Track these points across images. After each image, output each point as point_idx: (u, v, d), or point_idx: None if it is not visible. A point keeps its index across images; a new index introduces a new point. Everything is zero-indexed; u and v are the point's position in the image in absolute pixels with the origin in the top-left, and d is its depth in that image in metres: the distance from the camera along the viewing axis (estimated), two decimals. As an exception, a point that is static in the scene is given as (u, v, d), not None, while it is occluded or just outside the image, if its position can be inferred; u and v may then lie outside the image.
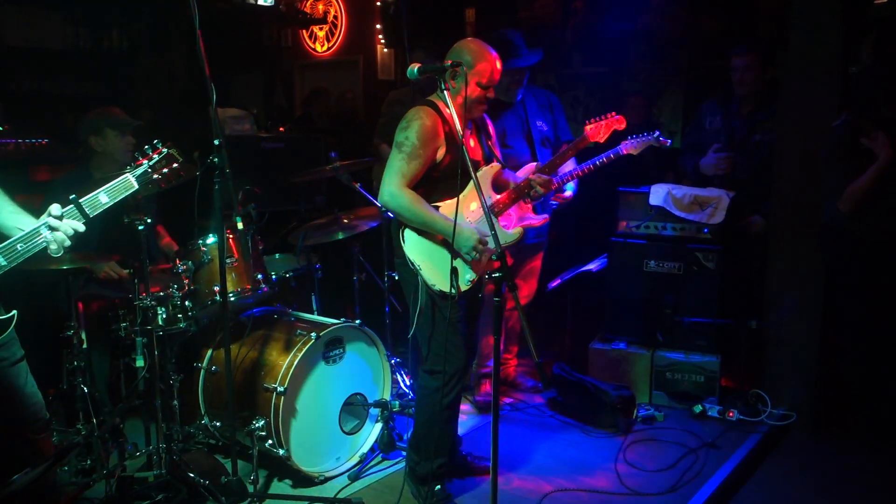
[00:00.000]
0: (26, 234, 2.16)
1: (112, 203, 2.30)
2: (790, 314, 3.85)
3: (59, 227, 2.17)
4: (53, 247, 2.18)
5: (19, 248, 2.14)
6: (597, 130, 3.27)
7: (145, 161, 2.42)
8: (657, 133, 3.40)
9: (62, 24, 6.16)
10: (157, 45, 6.54)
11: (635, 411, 3.89)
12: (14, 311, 2.17)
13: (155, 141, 2.48)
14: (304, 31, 8.22)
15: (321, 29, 8.06)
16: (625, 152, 3.39)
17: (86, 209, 2.24)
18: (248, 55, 7.51)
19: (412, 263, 2.88)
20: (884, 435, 3.58)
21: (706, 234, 4.03)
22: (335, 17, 7.97)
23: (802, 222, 3.76)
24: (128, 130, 3.68)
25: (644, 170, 4.74)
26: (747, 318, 4.06)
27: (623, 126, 3.29)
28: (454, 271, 2.82)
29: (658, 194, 4.08)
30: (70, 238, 2.19)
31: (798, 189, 3.76)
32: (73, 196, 2.23)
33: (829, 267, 3.71)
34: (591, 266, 4.32)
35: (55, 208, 2.18)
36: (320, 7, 8.03)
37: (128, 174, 2.36)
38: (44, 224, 2.17)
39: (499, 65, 2.93)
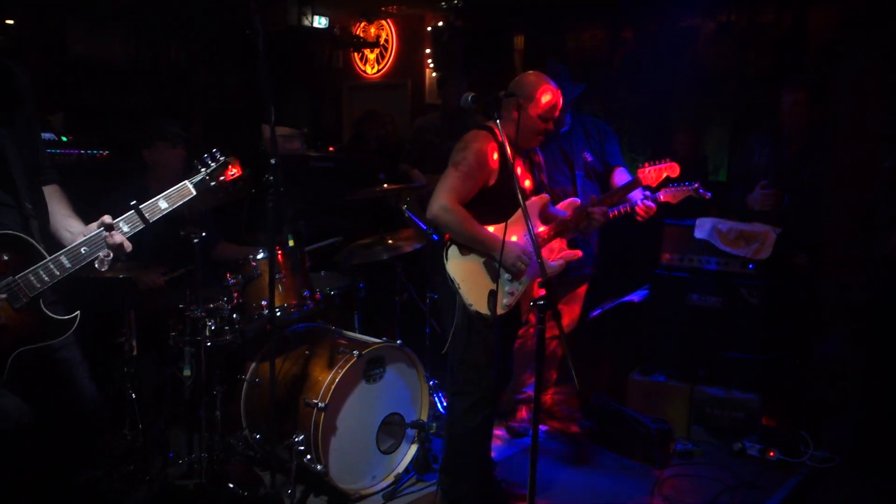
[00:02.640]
0: (90, 237, 2.20)
1: (171, 209, 2.33)
2: (835, 353, 3.79)
3: (110, 241, 2.21)
4: (101, 255, 2.21)
5: (83, 252, 2.19)
6: (649, 175, 3.29)
7: (203, 168, 2.44)
8: (697, 185, 3.40)
9: (124, 37, 6.40)
10: (212, 61, 6.75)
11: (673, 445, 3.85)
12: (77, 313, 2.22)
13: (214, 150, 2.50)
14: (355, 54, 8.39)
15: (372, 51, 8.22)
16: (662, 200, 3.41)
17: (145, 214, 2.29)
18: (300, 75, 7.69)
19: (452, 281, 2.92)
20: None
21: (751, 270, 3.99)
22: (386, 40, 8.12)
23: (849, 260, 3.71)
24: (178, 143, 3.78)
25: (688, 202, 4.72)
26: (791, 356, 4.00)
27: (676, 174, 3.30)
28: (492, 293, 2.85)
29: (703, 228, 4.06)
30: (114, 250, 2.22)
31: (846, 226, 3.72)
32: (134, 202, 2.28)
33: (883, 302, 3.64)
34: (634, 297, 4.30)
35: (107, 218, 2.22)
36: (372, 30, 8.20)
37: (186, 181, 2.39)
38: (99, 230, 2.21)
39: (559, 99, 2.98)
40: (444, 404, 3.93)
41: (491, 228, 2.93)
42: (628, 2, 6.07)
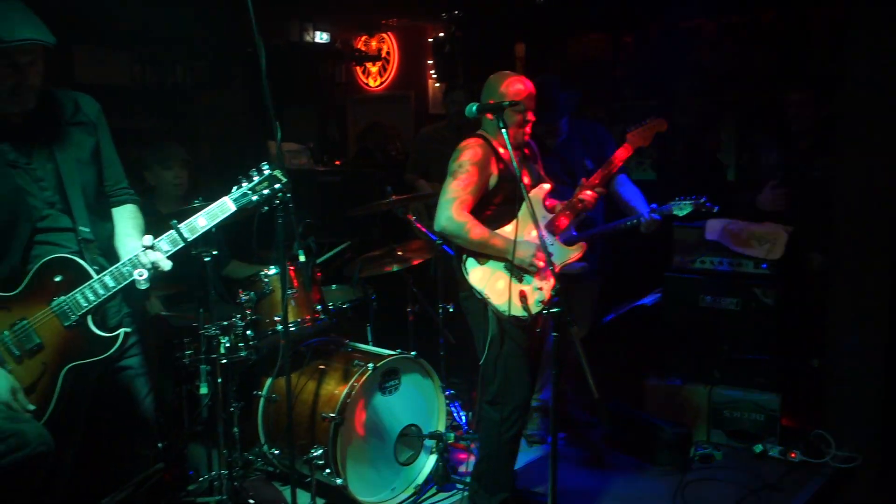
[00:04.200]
0: (131, 258, 2.28)
1: (211, 226, 2.36)
2: (853, 352, 3.76)
3: (144, 261, 2.27)
4: (136, 272, 2.27)
5: (125, 272, 2.27)
6: (638, 136, 3.27)
7: (245, 183, 2.42)
8: (704, 198, 3.39)
9: (129, 62, 6.45)
10: (217, 81, 6.78)
11: (692, 449, 3.82)
12: (120, 331, 2.29)
13: (262, 164, 2.47)
14: (358, 67, 8.43)
15: (374, 64, 8.26)
16: (669, 212, 3.41)
17: (184, 233, 2.33)
18: (304, 90, 7.72)
19: (479, 294, 2.92)
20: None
21: (764, 270, 3.97)
22: (388, 52, 8.15)
23: (865, 258, 3.69)
24: (175, 164, 3.80)
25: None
26: (809, 356, 3.98)
27: (665, 128, 3.26)
28: (523, 294, 2.86)
29: (714, 229, 4.05)
30: (151, 271, 2.28)
31: (860, 225, 3.70)
32: (174, 221, 2.33)
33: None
34: (646, 300, 4.29)
35: (147, 238, 2.30)
36: (374, 44, 8.24)
37: (226, 197, 2.39)
38: (129, 261, 2.28)
39: (527, 89, 2.98)
40: (461, 414, 3.92)
41: (505, 229, 2.93)
42: (628, 6, 6.08)
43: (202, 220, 2.36)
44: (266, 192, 2.43)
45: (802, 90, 4.06)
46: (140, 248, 2.29)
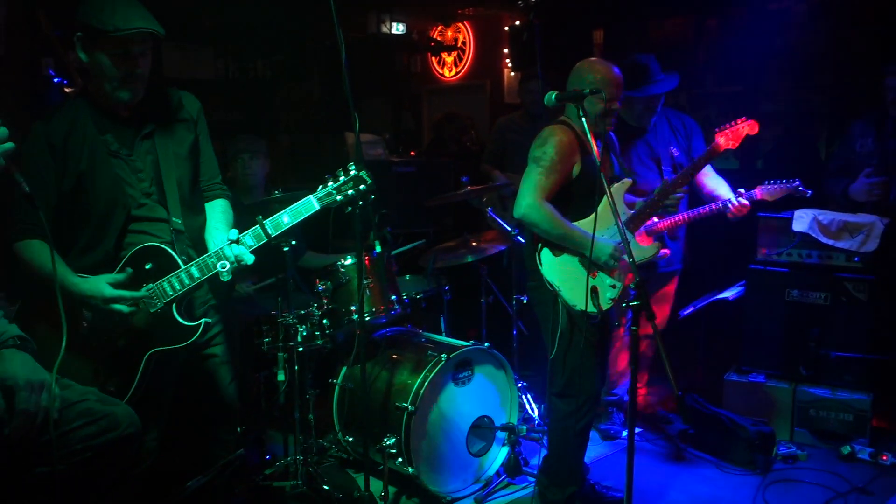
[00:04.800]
0: (216, 250, 2.37)
1: (293, 223, 2.42)
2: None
3: (228, 252, 2.35)
4: (219, 265, 2.36)
5: (210, 264, 2.36)
6: (727, 138, 3.15)
7: (331, 182, 2.45)
8: (797, 182, 3.26)
9: (213, 56, 6.67)
10: (296, 74, 6.93)
11: (775, 449, 3.68)
12: (202, 321, 2.37)
13: (349, 164, 2.50)
14: (433, 58, 8.44)
15: (450, 54, 8.26)
16: (759, 197, 3.29)
17: (269, 229, 2.39)
18: (380, 81, 7.80)
19: (551, 285, 2.88)
20: None
21: (857, 263, 3.78)
22: (463, 42, 8.14)
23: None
24: (256, 155, 3.91)
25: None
26: (904, 354, 3.76)
27: (755, 131, 3.13)
28: (594, 290, 2.81)
29: (803, 220, 3.87)
30: (234, 264, 2.36)
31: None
32: (259, 217, 2.40)
33: None
34: (728, 294, 4.14)
35: (233, 232, 2.38)
36: (449, 33, 8.24)
37: (311, 196, 2.44)
38: (227, 245, 2.37)
39: (620, 78, 2.92)
40: (533, 406, 3.90)
41: (581, 223, 2.88)
42: (712, -13, 5.87)
43: (286, 218, 2.41)
44: (351, 192, 2.46)
45: (902, 73, 3.82)
46: (226, 242, 2.37)
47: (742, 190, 3.38)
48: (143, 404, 2.22)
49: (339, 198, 2.44)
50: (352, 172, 2.46)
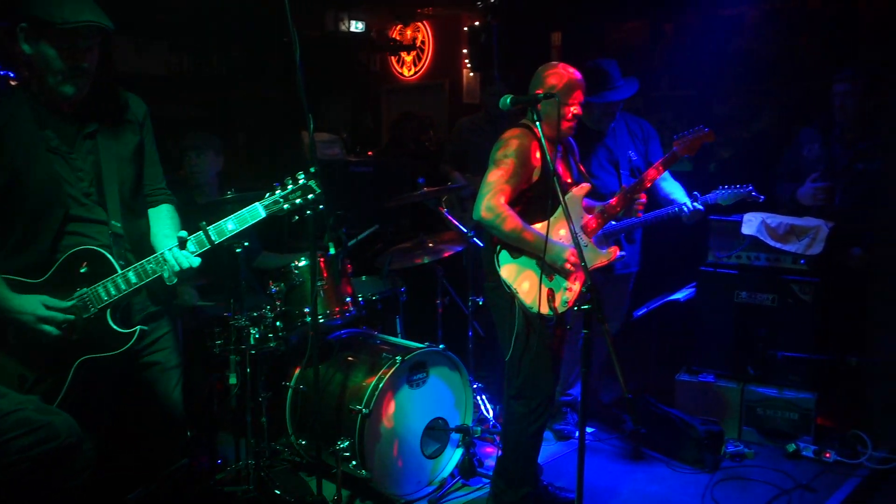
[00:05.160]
0: (157, 255, 2.32)
1: (239, 230, 2.38)
2: (893, 351, 3.65)
3: (170, 258, 2.30)
4: (166, 274, 2.31)
5: (149, 269, 2.30)
6: (686, 145, 3.21)
7: (279, 190, 2.42)
8: (751, 188, 3.35)
9: (167, 51, 6.54)
10: (253, 71, 6.84)
11: (723, 447, 3.76)
12: (136, 328, 2.31)
13: (298, 173, 2.47)
14: (392, 57, 8.42)
15: (409, 54, 8.24)
16: (714, 203, 3.37)
17: (212, 235, 2.35)
18: (338, 80, 7.75)
19: (508, 287, 2.89)
20: None
21: (802, 266, 3.88)
22: (422, 42, 8.12)
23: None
24: (209, 153, 3.85)
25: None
26: (846, 354, 3.87)
27: (712, 139, 3.21)
28: (550, 292, 2.83)
29: (751, 223, 3.95)
30: (183, 269, 2.30)
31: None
32: (203, 223, 2.35)
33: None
34: (679, 295, 4.22)
35: (181, 234, 2.33)
36: (408, 33, 8.21)
37: (258, 203, 2.40)
38: (167, 250, 2.32)
39: (582, 83, 2.96)
40: (488, 407, 3.91)
41: (537, 226, 2.91)
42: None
43: (231, 225, 2.37)
44: (298, 201, 2.43)
45: (849, 80, 3.92)
46: (168, 247, 2.32)
47: (697, 194, 3.45)
48: (77, 413, 2.15)
49: (286, 206, 2.42)
50: (300, 181, 2.44)
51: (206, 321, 3.45)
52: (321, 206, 2.50)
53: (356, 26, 7.53)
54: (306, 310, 3.32)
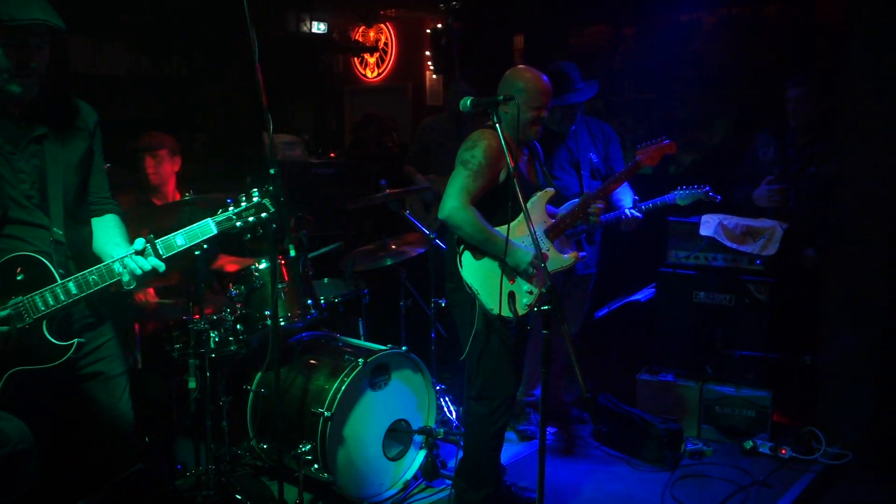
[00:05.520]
0: (100, 267, 2.24)
1: (188, 246, 2.32)
2: (846, 349, 3.75)
3: (131, 264, 2.23)
4: (126, 278, 2.25)
5: (91, 280, 2.22)
6: (648, 155, 3.27)
7: (232, 207, 2.38)
8: (707, 188, 3.43)
9: (126, 51, 6.43)
10: (214, 71, 6.76)
11: (683, 445, 3.82)
12: (74, 341, 2.24)
13: (252, 190, 2.44)
14: (355, 58, 8.39)
15: (372, 55, 8.22)
16: (671, 202, 3.45)
17: (160, 249, 2.28)
18: (301, 81, 7.69)
19: (469, 287, 2.90)
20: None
21: (758, 266, 3.96)
22: (385, 44, 8.11)
23: (861, 255, 3.67)
24: (166, 154, 3.78)
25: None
26: (801, 353, 3.96)
27: (674, 151, 3.29)
28: (511, 295, 2.85)
29: (709, 224, 4.03)
30: (146, 273, 2.25)
31: (857, 222, 3.68)
32: (151, 235, 2.29)
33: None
34: (639, 296, 4.28)
35: (138, 243, 2.26)
36: (371, 34, 8.20)
37: (209, 219, 2.35)
38: (118, 260, 2.25)
39: (549, 87, 2.99)
40: (451, 409, 3.92)
41: (501, 229, 2.92)
42: (629, -3, 6.05)
43: (180, 240, 2.31)
44: (251, 219, 2.39)
45: (802, 85, 4.02)
46: (111, 259, 2.26)
47: (636, 199, 3.56)
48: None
49: (238, 224, 2.38)
50: (254, 199, 2.40)
51: (165, 325, 3.40)
52: (273, 227, 2.46)
53: (318, 27, 7.48)
54: (267, 312, 3.29)
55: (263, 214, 2.41)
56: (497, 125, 2.63)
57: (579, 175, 3.88)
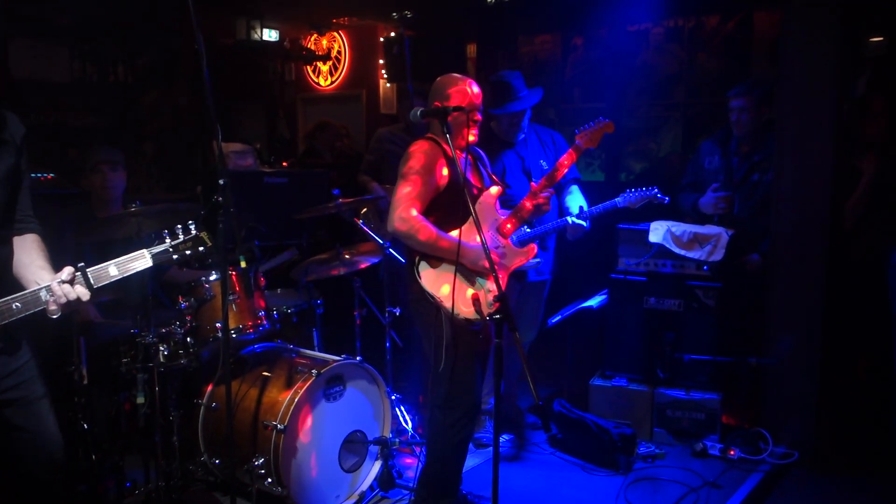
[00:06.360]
0: (25, 294, 2.11)
1: (120, 277, 2.23)
2: (789, 351, 3.86)
3: (58, 292, 2.11)
4: (52, 308, 2.13)
5: (14, 308, 2.09)
6: (588, 138, 3.32)
7: (168, 239, 2.32)
8: (655, 190, 3.50)
9: (69, 58, 6.27)
10: (161, 79, 6.64)
11: (636, 449, 3.88)
12: (11, 357, 2.15)
13: (189, 222, 2.39)
14: (308, 66, 8.33)
15: (325, 63, 8.18)
16: (622, 206, 3.50)
17: (91, 279, 2.17)
18: (252, 89, 7.61)
19: (431, 297, 2.90)
20: (886, 471, 3.57)
21: (706, 272, 4.05)
22: (339, 52, 8.08)
23: (800, 260, 3.79)
24: (107, 167, 3.70)
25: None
26: (747, 356, 4.07)
27: (612, 130, 3.33)
28: (476, 297, 2.88)
29: (657, 232, 4.11)
30: (71, 303, 2.13)
31: (795, 227, 3.80)
32: (82, 265, 2.17)
33: (837, 299, 3.76)
34: (592, 302, 4.33)
35: (66, 273, 2.13)
36: (324, 43, 8.15)
37: (145, 250, 2.27)
38: (45, 288, 2.12)
39: (473, 88, 3.03)
40: (407, 418, 3.91)
41: (454, 233, 2.93)
42: (578, 8, 6.14)
43: (113, 270, 2.21)
44: (188, 252, 2.35)
45: (743, 96, 4.14)
46: (46, 283, 2.13)
47: (582, 207, 3.62)
48: None
49: (175, 256, 2.32)
50: (192, 232, 2.36)
51: (112, 339, 3.31)
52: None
53: (269, 35, 7.41)
54: (218, 324, 3.24)
55: (200, 248, 2.37)
56: (446, 134, 2.65)
57: (531, 182, 3.92)
